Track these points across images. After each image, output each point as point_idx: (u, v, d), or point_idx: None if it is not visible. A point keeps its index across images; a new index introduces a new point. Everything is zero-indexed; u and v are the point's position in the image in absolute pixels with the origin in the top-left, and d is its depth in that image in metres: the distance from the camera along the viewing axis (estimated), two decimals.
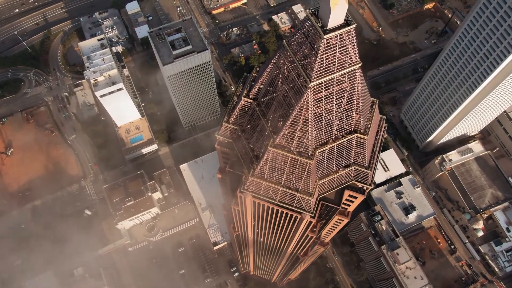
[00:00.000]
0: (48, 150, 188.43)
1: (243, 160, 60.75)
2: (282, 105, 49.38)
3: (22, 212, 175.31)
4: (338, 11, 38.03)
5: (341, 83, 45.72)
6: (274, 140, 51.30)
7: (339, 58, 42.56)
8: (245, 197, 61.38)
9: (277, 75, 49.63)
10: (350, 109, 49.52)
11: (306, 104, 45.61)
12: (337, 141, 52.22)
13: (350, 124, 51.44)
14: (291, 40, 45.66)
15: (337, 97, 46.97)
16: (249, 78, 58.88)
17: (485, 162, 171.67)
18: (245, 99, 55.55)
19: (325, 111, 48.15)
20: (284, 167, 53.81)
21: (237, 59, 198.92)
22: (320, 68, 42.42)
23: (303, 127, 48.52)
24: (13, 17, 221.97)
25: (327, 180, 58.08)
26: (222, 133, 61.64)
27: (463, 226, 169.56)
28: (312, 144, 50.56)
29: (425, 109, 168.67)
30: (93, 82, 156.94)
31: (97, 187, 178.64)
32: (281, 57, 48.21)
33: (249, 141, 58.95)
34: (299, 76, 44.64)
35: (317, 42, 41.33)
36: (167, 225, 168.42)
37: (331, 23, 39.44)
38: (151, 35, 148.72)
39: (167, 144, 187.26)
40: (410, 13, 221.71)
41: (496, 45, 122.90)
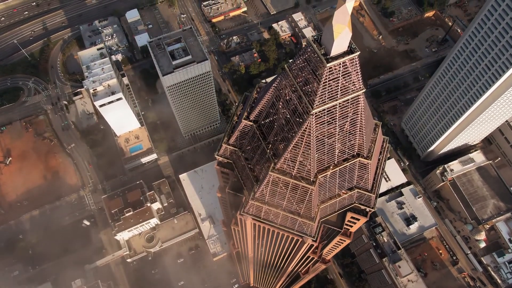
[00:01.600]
0: (46, 159, 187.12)
1: (243, 182, 59.51)
2: (283, 129, 48.24)
3: (20, 222, 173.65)
4: (342, 39, 36.99)
5: (344, 108, 44.61)
6: (275, 165, 50.12)
7: (342, 84, 41.48)
8: (245, 219, 60.09)
9: (278, 98, 48.52)
10: (353, 133, 48.38)
11: (308, 129, 44.45)
12: (340, 165, 51.04)
13: (353, 148, 50.29)
14: (293, 65, 44.59)
15: (340, 122, 45.84)
16: (249, 99, 57.77)
17: (487, 172, 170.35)
18: (245, 122, 54.37)
19: (327, 136, 46.99)
20: (285, 192, 52.57)
21: (237, 67, 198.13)
22: (323, 94, 41.32)
23: (305, 152, 47.36)
24: (13, 24, 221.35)
25: (329, 203, 56.81)
26: (221, 153, 60.45)
27: (465, 237, 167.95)
28: (314, 169, 49.36)
29: (426, 118, 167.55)
30: (92, 91, 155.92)
31: (96, 196, 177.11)
32: (282, 81, 47.09)
33: (249, 162, 57.77)
34: (301, 101, 43.54)
35: (319, 69, 40.25)
36: (166, 235, 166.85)
37: (334, 51, 38.38)
38: (151, 45, 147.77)
39: (166, 153, 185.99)
40: (410, 21, 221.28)
41: (498, 56, 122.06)
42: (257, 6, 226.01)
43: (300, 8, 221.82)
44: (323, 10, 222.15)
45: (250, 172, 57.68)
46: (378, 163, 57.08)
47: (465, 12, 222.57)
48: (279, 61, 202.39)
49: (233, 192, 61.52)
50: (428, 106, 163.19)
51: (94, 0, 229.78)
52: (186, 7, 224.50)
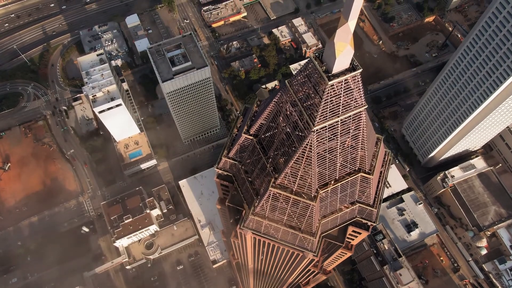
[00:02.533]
0: (46, 165, 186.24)
1: (243, 195, 58.76)
2: (284, 144, 47.56)
3: (18, 229, 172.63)
4: (344, 56, 36.33)
5: (346, 124, 43.93)
6: (275, 180, 49.39)
7: (344, 101, 40.84)
8: (245, 233, 59.27)
9: (278, 113, 47.86)
10: (355, 149, 47.70)
11: (309, 146, 43.78)
12: (341, 180, 50.33)
13: (355, 163, 49.58)
14: (293, 81, 43.95)
15: (341, 138, 45.16)
16: (249, 111, 57.08)
17: (488, 179, 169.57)
18: (245, 136, 53.65)
19: (328, 151, 46.30)
20: (286, 207, 51.83)
21: (237, 73, 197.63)
22: (324, 111, 40.66)
23: (306, 168, 46.67)
24: (13, 30, 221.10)
25: (330, 218, 56.03)
26: (221, 166, 59.71)
27: (466, 243, 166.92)
28: (315, 185, 48.63)
29: (427, 124, 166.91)
30: (91, 97, 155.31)
31: (95, 203, 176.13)
32: (283, 96, 46.46)
33: (249, 176, 57.04)
34: (302, 118, 42.89)
35: (321, 85, 39.61)
36: (166, 242, 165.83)
37: (336, 68, 37.73)
38: (151, 51, 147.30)
39: (166, 159, 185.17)
40: (410, 26, 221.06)
41: (499, 63, 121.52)
42: (257, 11, 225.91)
43: (300, 13, 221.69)
44: (323, 15, 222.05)
45: (250, 186, 56.91)
46: (380, 176, 56.35)
47: (465, 17, 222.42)
48: (279, 67, 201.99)
49: (233, 206, 60.67)
50: (429, 112, 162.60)
51: (94, 5, 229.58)
52: (186, 12, 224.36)
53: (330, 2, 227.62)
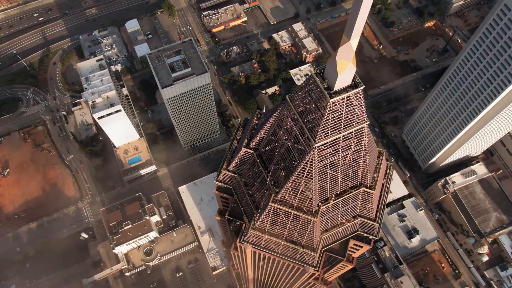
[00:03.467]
0: (45, 171, 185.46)
1: (243, 208, 58.03)
2: (285, 159, 46.90)
3: (17, 235, 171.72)
4: (346, 74, 35.74)
5: (347, 139, 43.29)
6: (276, 195, 48.69)
7: (346, 117, 40.21)
8: (245, 247, 58.53)
9: (279, 128, 47.21)
10: (357, 164, 47.04)
11: (311, 162, 43.12)
12: (343, 195, 49.62)
13: (356, 178, 48.90)
14: (294, 96, 43.33)
15: (343, 153, 44.52)
16: (249, 123, 56.41)
17: (489, 185, 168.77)
18: (245, 149, 52.97)
19: (330, 167, 45.62)
20: (287, 222, 51.09)
21: (237, 78, 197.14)
22: (325, 128, 40.02)
23: (306, 183, 45.98)
24: (12, 34, 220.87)
25: (331, 233, 55.27)
26: (221, 179, 59.00)
27: (467, 250, 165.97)
28: (316, 200, 47.94)
29: (427, 130, 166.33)
30: (91, 103, 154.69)
31: (94, 209, 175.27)
32: (284, 111, 45.80)
33: (250, 189, 56.32)
34: (303, 134, 42.26)
35: (322, 102, 39.00)
36: (165, 249, 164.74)
37: (338, 86, 37.13)
38: (150, 57, 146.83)
39: (165, 165, 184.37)
40: (410, 31, 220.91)
41: (500, 70, 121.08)
42: (257, 16, 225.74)
43: (300, 18, 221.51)
44: (323, 20, 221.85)
45: (250, 199, 56.17)
46: (382, 190, 55.62)
47: (466, 22, 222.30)
48: (279, 72, 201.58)
49: (232, 219, 59.92)
50: (430, 118, 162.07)
51: (94, 10, 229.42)
52: (186, 17, 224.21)
53: (330, 7, 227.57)
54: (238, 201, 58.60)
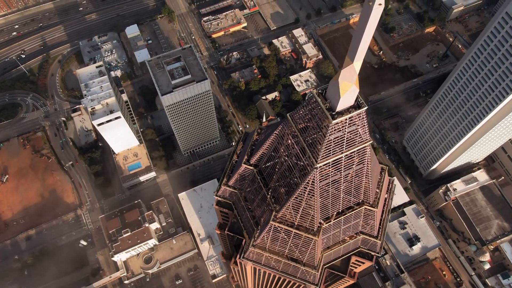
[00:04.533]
0: (44, 177, 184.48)
1: (243, 224, 57.15)
2: (286, 177, 46.08)
3: (15, 242, 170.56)
4: (348, 95, 34.97)
5: (350, 159, 42.48)
6: (276, 213, 47.83)
7: (348, 137, 39.45)
8: (245, 264, 57.61)
9: (279, 146, 46.43)
10: (359, 182, 46.22)
11: (312, 181, 42.30)
12: (345, 213, 48.76)
13: (359, 196, 48.08)
14: (295, 115, 42.56)
15: (345, 172, 43.70)
16: (250, 138, 55.61)
17: (491, 192, 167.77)
18: (245, 166, 52.15)
19: (332, 186, 44.78)
20: (288, 240, 50.20)
21: (237, 84, 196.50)
22: (328, 149, 39.25)
23: (308, 202, 45.12)
24: (12, 40, 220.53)
25: (333, 250, 54.37)
26: (221, 194, 58.14)
27: (469, 257, 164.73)
28: (317, 219, 47.07)
29: (428, 137, 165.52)
30: (90, 110, 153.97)
31: (93, 215, 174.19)
32: (285, 130, 45.02)
33: (250, 204, 55.46)
34: (304, 153, 41.47)
35: (324, 122, 38.23)
36: (165, 256, 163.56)
37: (340, 106, 36.37)
38: (150, 64, 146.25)
39: (165, 171, 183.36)
40: (411, 36, 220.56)
41: (502, 78, 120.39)
42: (257, 21, 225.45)
43: (301, 23, 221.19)
44: (323, 25, 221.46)
45: (250, 215, 55.27)
46: (385, 206, 54.75)
47: (466, 27, 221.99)
48: (280, 77, 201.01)
49: (232, 234, 58.99)
50: (431, 124, 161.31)
51: (94, 15, 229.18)
52: (186, 23, 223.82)
53: (330, 13, 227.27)
54: (238, 216, 57.70)
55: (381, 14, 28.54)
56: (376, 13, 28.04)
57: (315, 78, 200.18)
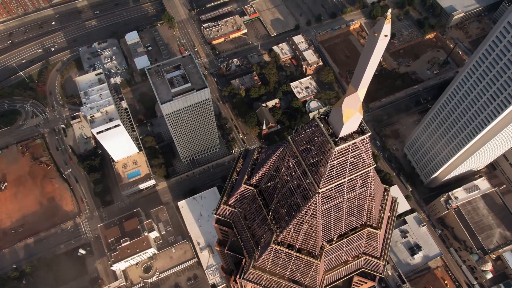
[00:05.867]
0: (42, 185, 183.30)
1: (243, 244, 56.06)
2: (287, 200, 45.07)
3: (14, 251, 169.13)
4: (352, 122, 34.04)
5: (352, 182, 41.51)
6: (277, 236, 46.78)
7: (352, 162, 38.50)
8: (245, 285, 56.49)
9: (280, 167, 45.46)
10: (362, 204, 45.21)
11: (314, 206, 41.31)
12: (347, 236, 47.71)
13: (361, 218, 47.05)
14: (297, 137, 41.61)
15: (347, 195, 42.71)
16: (250, 156, 54.64)
17: (492, 200, 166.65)
18: (245, 186, 51.14)
19: (334, 209, 43.79)
20: (289, 263, 49.11)
21: (237, 91, 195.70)
22: (330, 174, 38.29)
23: (309, 226, 44.08)
24: (12, 46, 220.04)
25: (335, 272, 53.26)
26: (220, 213, 57.11)
27: (471, 267, 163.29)
28: (319, 242, 46.03)
29: (430, 145, 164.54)
30: (89, 118, 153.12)
31: (92, 224, 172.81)
32: (286, 152, 44.06)
33: (250, 223, 54.42)
34: (306, 177, 40.48)
35: (326, 146, 37.28)
36: (164, 265, 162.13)
37: (344, 133, 35.42)
38: (150, 72, 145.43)
39: (165, 179, 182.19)
40: (411, 43, 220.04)
41: (504, 87, 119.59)
42: (257, 28, 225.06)
43: (301, 30, 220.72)
44: (324, 32, 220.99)
45: (250, 235, 54.19)
46: (388, 226, 53.69)
47: (466, 34, 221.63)
48: (280, 84, 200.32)
49: (232, 254, 57.87)
50: (432, 132, 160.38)
51: (93, 22, 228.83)
52: (186, 29, 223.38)
53: (331, 19, 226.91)
54: (237, 235, 56.60)
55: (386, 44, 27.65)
56: (381, 44, 27.18)
57: (315, 85, 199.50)
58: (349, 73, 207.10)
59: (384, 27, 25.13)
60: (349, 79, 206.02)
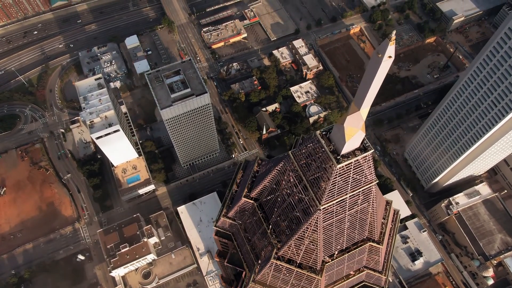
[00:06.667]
0: (42, 190, 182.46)
1: (243, 257, 55.33)
2: (287, 215, 44.41)
3: (12, 256, 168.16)
4: (354, 140, 33.43)
5: (355, 198, 40.88)
6: (277, 250, 46.10)
7: (354, 178, 37.88)
8: None
9: (281, 181, 44.82)
10: (364, 219, 44.57)
11: (315, 222, 40.65)
12: (349, 251, 47.01)
13: (363, 233, 46.36)
14: (298, 153, 40.98)
15: (349, 211, 42.06)
16: (250, 167, 53.99)
17: (493, 205, 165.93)
18: (245, 199, 50.49)
19: (335, 224, 43.13)
20: (289, 278, 48.36)
21: (237, 95, 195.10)
22: (332, 191, 37.67)
23: (310, 241, 43.41)
24: (11, 50, 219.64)
25: (336, 286, 52.52)
26: (220, 225, 56.42)
27: (472, 273, 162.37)
28: (320, 257, 45.33)
29: (430, 150, 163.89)
30: (89, 123, 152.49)
31: (92, 229, 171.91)
32: (286, 167, 43.43)
33: (250, 236, 53.73)
34: (307, 193, 39.84)
35: (327, 163, 36.67)
36: (164, 271, 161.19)
37: (346, 150, 34.81)
38: (149, 77, 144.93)
39: (164, 184, 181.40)
40: (411, 47, 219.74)
41: (505, 93, 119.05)
42: (257, 32, 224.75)
43: (301, 34, 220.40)
44: (324, 36, 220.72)
45: (250, 248, 53.45)
46: (390, 239, 52.99)
47: (467, 38, 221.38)
48: (280, 89, 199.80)
49: (232, 266, 57.14)
50: (432, 137, 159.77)
51: (93, 26, 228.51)
52: (186, 33, 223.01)
53: (331, 23, 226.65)
54: (237, 248, 55.88)
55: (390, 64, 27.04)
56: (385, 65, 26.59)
57: (315, 90, 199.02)
58: (349, 77, 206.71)
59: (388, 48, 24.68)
60: (349, 83, 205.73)
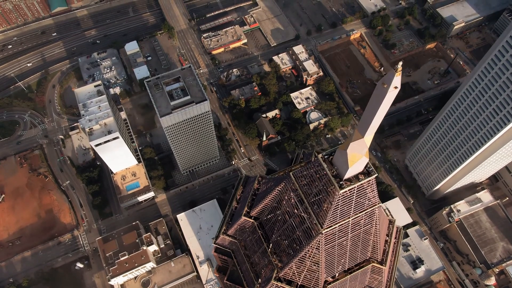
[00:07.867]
0: (40, 196, 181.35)
1: (243, 275, 54.32)
2: (288, 236, 43.49)
3: (10, 264, 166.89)
4: (358, 165, 32.60)
5: (357, 220, 39.98)
6: (278, 271, 45.12)
7: (357, 202, 36.99)
8: None
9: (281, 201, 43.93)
10: (366, 241, 43.65)
11: (317, 245, 39.73)
12: (351, 271, 46.05)
13: (366, 254, 45.43)
14: (299, 174, 40.11)
15: (352, 233, 41.17)
16: (250, 183, 53.07)
17: (495, 213, 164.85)
18: (245, 218, 49.56)
19: (337, 247, 42.20)
20: None
21: (237, 101, 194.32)
22: (334, 214, 36.78)
23: (312, 263, 42.45)
24: (11, 56, 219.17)
25: None
26: (219, 242, 55.46)
27: (474, 281, 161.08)
28: (322, 279, 44.33)
29: (431, 157, 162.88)
30: (88, 130, 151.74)
31: (91, 237, 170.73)
32: (287, 187, 42.54)
33: (250, 254, 52.73)
34: (309, 216, 38.94)
35: (330, 186, 35.79)
36: (163, 279, 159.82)
37: (348, 175, 33.95)
38: (149, 84, 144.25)
39: (164, 191, 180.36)
40: (412, 53, 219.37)
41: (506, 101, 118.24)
42: (257, 38, 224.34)
43: (301, 40, 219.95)
44: (324, 42, 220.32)
45: (250, 266, 52.43)
46: (392, 258, 52.01)
47: (467, 44, 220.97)
48: (280, 95, 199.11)
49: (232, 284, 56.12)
50: (433, 145, 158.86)
51: (93, 32, 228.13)
52: (185, 39, 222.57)
53: (331, 29, 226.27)
54: (237, 266, 54.87)
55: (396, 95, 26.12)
56: (390, 95, 25.79)
57: (315, 96, 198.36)
58: (350, 83, 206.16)
59: (394, 79, 23.93)
60: (350, 89, 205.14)
